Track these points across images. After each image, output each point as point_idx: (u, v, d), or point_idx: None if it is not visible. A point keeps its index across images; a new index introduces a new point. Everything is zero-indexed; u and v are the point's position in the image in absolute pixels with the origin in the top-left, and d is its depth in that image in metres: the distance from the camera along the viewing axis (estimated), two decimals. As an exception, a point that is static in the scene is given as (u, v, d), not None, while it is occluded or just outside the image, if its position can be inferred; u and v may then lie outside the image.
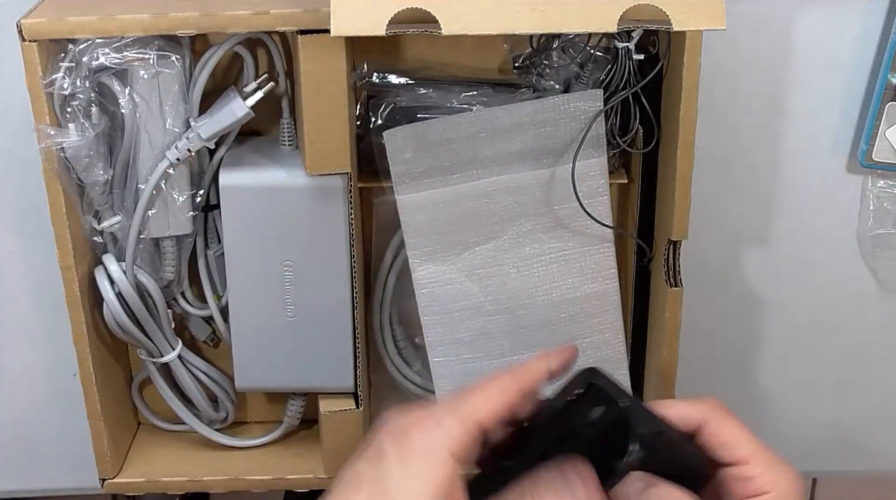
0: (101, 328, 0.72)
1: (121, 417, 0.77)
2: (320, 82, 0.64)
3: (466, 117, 0.66)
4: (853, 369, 0.83)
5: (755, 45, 0.73)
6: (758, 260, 0.79)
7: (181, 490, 0.77)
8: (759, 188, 0.77)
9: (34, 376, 0.81)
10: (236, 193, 0.68)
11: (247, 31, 0.66)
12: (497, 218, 0.68)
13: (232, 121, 0.67)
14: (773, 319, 0.81)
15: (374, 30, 0.58)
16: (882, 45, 0.73)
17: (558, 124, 0.66)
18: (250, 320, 0.71)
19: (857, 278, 0.80)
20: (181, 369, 0.75)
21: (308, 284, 0.70)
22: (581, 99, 0.66)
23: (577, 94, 0.66)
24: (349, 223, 0.68)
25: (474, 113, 0.66)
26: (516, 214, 0.68)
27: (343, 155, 0.66)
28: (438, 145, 0.66)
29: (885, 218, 0.77)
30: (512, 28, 0.59)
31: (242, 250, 0.70)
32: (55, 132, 0.64)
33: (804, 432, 0.85)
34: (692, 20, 0.58)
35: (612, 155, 0.73)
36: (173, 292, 0.74)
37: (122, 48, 0.64)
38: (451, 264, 0.69)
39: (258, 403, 0.81)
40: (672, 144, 0.67)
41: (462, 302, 0.70)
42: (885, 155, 0.74)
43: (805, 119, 0.75)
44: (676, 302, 0.69)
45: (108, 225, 0.70)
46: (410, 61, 0.71)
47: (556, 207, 0.68)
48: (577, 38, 0.69)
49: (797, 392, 0.84)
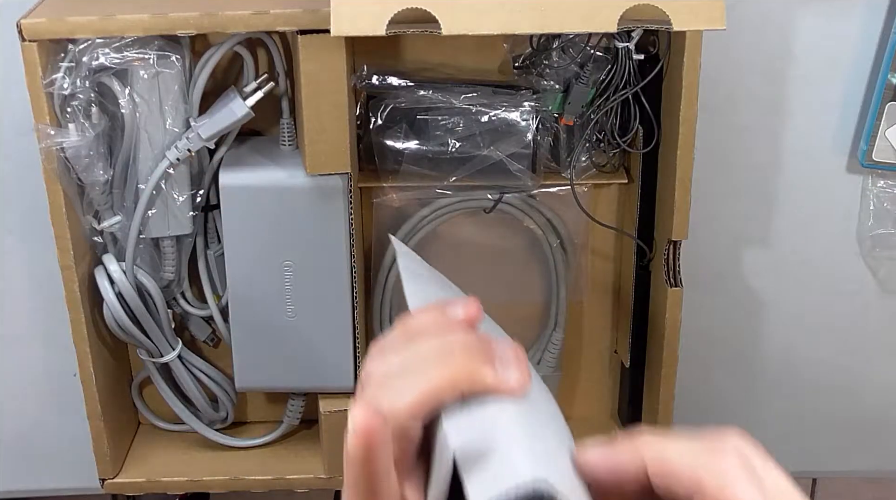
0: (101, 328, 0.72)
1: (121, 417, 0.77)
2: (320, 82, 0.64)
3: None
4: (853, 369, 0.83)
5: (755, 45, 0.73)
6: (758, 260, 0.79)
7: (181, 490, 0.77)
8: (759, 188, 0.77)
9: (34, 376, 0.81)
10: (236, 193, 0.68)
11: (247, 31, 0.66)
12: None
13: (232, 121, 0.67)
14: (773, 319, 0.81)
15: (374, 30, 0.58)
16: (882, 45, 0.73)
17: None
18: (250, 320, 0.71)
19: (857, 278, 0.80)
20: (181, 369, 0.75)
21: (308, 284, 0.70)
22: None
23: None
24: (349, 223, 0.68)
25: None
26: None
27: (343, 155, 0.66)
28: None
29: (885, 218, 0.77)
30: (512, 28, 0.59)
31: (242, 250, 0.70)
32: (55, 132, 0.64)
33: (804, 432, 0.85)
34: (692, 20, 0.58)
35: (612, 155, 0.73)
36: (173, 292, 0.74)
37: (122, 48, 0.64)
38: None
39: (258, 403, 0.81)
40: (672, 144, 0.67)
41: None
42: (885, 155, 0.74)
43: (805, 119, 0.75)
44: (676, 302, 0.69)
45: (108, 225, 0.70)
46: (410, 63, 0.71)
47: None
48: (577, 38, 0.69)
49: (797, 392, 0.84)
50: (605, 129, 0.71)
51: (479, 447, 0.37)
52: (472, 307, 0.42)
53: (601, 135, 0.72)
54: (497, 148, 0.69)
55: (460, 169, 0.70)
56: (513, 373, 0.40)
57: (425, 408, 0.39)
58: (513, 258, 0.77)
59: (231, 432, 0.79)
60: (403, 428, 0.39)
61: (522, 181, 0.70)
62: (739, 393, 0.83)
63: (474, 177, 0.70)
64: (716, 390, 0.84)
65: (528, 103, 0.69)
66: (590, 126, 0.71)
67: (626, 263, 0.75)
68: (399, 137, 0.69)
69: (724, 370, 0.83)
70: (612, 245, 0.77)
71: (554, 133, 0.71)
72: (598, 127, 0.71)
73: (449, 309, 0.42)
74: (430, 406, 0.39)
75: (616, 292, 0.78)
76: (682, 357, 0.70)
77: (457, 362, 0.39)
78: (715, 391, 0.84)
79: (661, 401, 0.72)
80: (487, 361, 0.39)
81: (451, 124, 0.69)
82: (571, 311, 0.78)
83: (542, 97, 0.70)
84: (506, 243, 0.76)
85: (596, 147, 0.73)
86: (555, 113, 0.71)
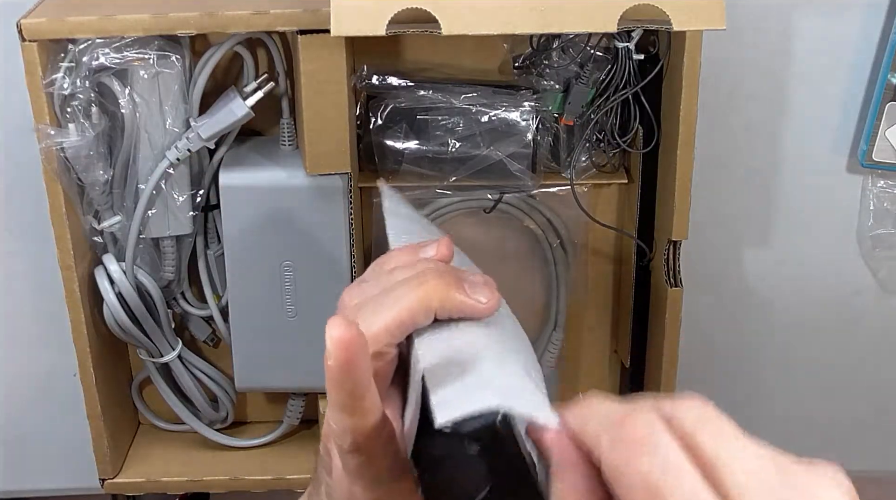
0: (101, 328, 0.72)
1: (121, 417, 0.77)
2: (320, 82, 0.64)
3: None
4: (853, 368, 0.83)
5: (755, 45, 0.73)
6: (758, 260, 0.79)
7: (181, 490, 0.77)
8: (759, 188, 0.77)
9: (34, 376, 0.81)
10: (236, 193, 0.68)
11: (247, 31, 0.66)
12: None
13: (232, 121, 0.67)
14: (773, 319, 0.81)
15: (374, 30, 0.58)
16: (882, 45, 0.73)
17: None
18: (250, 320, 0.71)
19: (857, 278, 0.80)
20: (181, 369, 0.75)
21: (308, 284, 0.70)
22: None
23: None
24: (349, 223, 0.68)
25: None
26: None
27: (343, 155, 0.66)
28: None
29: (885, 218, 0.77)
30: (512, 28, 0.59)
31: (242, 250, 0.70)
32: (55, 132, 0.64)
33: (804, 432, 0.85)
34: (692, 20, 0.58)
35: (612, 155, 0.73)
36: (173, 292, 0.74)
37: (122, 48, 0.64)
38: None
39: (258, 403, 0.81)
40: (672, 144, 0.67)
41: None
42: (885, 155, 0.74)
43: (805, 119, 0.75)
44: (676, 302, 0.69)
45: (108, 225, 0.70)
46: (410, 63, 0.71)
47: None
48: (577, 38, 0.69)
49: (797, 392, 0.84)
50: (605, 129, 0.71)
51: (448, 368, 0.38)
52: (444, 247, 0.44)
53: (601, 135, 0.72)
54: (497, 148, 0.69)
55: (460, 169, 0.70)
56: (482, 294, 0.42)
57: (400, 328, 0.40)
58: (513, 258, 0.77)
59: (231, 432, 0.79)
60: (379, 350, 0.40)
61: (522, 181, 0.70)
62: (739, 393, 0.83)
63: (474, 177, 0.70)
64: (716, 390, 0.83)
65: (528, 103, 0.69)
66: (590, 126, 0.71)
67: (626, 263, 0.75)
68: (399, 137, 0.69)
69: (724, 370, 0.83)
70: (612, 245, 0.77)
71: (554, 133, 0.71)
72: (598, 127, 0.71)
73: (422, 249, 0.44)
74: (404, 327, 0.40)
75: (616, 292, 0.78)
76: (682, 357, 0.70)
77: (429, 284, 0.41)
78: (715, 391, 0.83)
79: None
80: (458, 283, 0.42)
81: (451, 124, 0.69)
82: (571, 311, 0.78)
83: (542, 97, 0.70)
84: (506, 243, 0.76)
85: (596, 147, 0.73)
86: (555, 113, 0.71)
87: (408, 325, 0.40)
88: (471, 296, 0.41)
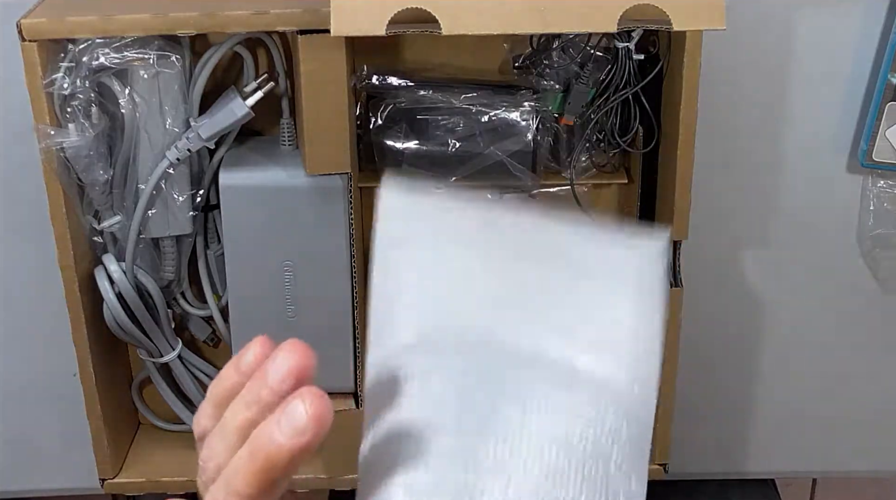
0: (101, 328, 0.72)
1: (121, 417, 0.77)
2: (320, 82, 0.64)
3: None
4: (853, 368, 0.83)
5: (755, 45, 0.73)
6: (758, 260, 0.79)
7: (181, 490, 0.77)
8: (759, 188, 0.77)
9: (34, 376, 0.81)
10: (236, 193, 0.68)
11: (247, 31, 0.66)
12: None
13: (232, 121, 0.67)
14: (773, 319, 0.81)
15: (374, 30, 0.58)
16: (882, 46, 0.73)
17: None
18: (250, 321, 0.71)
19: (857, 278, 0.80)
20: (181, 369, 0.75)
21: (308, 284, 0.70)
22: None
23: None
24: (349, 223, 0.68)
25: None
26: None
27: (343, 155, 0.66)
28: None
29: (885, 218, 0.77)
30: (512, 28, 0.59)
31: (242, 250, 0.70)
32: (55, 132, 0.64)
33: (804, 432, 0.85)
34: (692, 20, 0.58)
35: (612, 155, 0.73)
36: (173, 292, 0.74)
37: (122, 48, 0.64)
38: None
39: (258, 403, 0.81)
40: (672, 144, 0.67)
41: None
42: (885, 155, 0.74)
43: (805, 119, 0.75)
44: (676, 302, 0.69)
45: (108, 225, 0.70)
46: (410, 63, 0.71)
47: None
48: (577, 38, 0.69)
49: (797, 392, 0.84)
50: (605, 129, 0.71)
51: (379, 456, 0.39)
52: (258, 346, 0.43)
53: (601, 135, 0.72)
54: (497, 148, 0.69)
55: (460, 169, 0.70)
56: (299, 421, 0.38)
57: (263, 492, 0.38)
58: (513, 258, 0.77)
59: (231, 432, 0.78)
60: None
61: (522, 181, 0.70)
62: (739, 393, 0.83)
63: (474, 177, 0.70)
64: (716, 390, 0.84)
65: (528, 103, 0.69)
66: (590, 126, 0.71)
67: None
68: (399, 137, 0.69)
69: (724, 370, 0.83)
70: (612, 245, 0.77)
71: (554, 133, 0.71)
72: (598, 127, 0.71)
73: (241, 359, 0.42)
74: (267, 488, 0.38)
75: (616, 292, 0.78)
76: (682, 357, 0.70)
77: (253, 455, 0.38)
78: (715, 391, 0.84)
79: (660, 401, 0.72)
80: (269, 434, 0.38)
81: (451, 124, 0.69)
82: (571, 311, 0.78)
83: (542, 97, 0.70)
84: (506, 243, 0.76)
85: (596, 147, 0.73)
86: (555, 113, 0.71)
87: (270, 486, 0.38)
88: (290, 440, 0.37)
